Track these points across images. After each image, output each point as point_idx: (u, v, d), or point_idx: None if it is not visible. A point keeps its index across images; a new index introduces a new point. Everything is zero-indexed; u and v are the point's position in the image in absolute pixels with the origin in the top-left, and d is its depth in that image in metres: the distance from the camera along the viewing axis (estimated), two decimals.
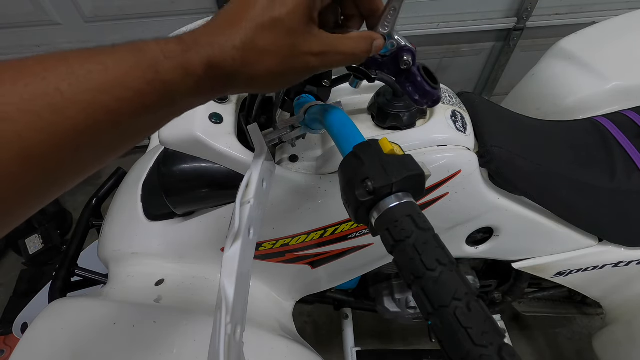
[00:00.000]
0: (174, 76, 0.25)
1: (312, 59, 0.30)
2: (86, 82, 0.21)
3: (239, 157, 0.50)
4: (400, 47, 0.36)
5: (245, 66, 0.27)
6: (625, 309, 0.85)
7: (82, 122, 0.21)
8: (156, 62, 0.24)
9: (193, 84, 0.26)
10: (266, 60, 0.28)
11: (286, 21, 0.28)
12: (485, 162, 0.58)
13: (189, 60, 0.25)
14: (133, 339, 0.51)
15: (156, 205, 0.66)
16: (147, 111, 0.24)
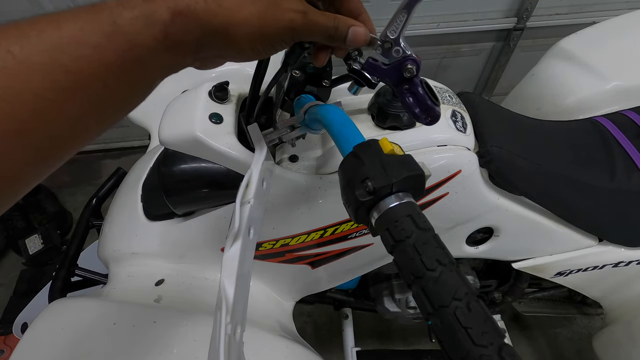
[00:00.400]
0: (135, 26, 0.22)
1: (295, 15, 0.27)
2: (39, 43, 0.20)
3: (239, 157, 0.50)
4: (406, 55, 0.36)
5: (221, 9, 0.25)
6: (625, 309, 0.85)
7: (41, 86, 0.20)
8: (114, 13, 0.22)
9: (160, 35, 0.23)
10: (245, 7, 0.25)
11: None
12: (485, 162, 0.59)
13: (152, 8, 0.23)
14: (133, 339, 0.51)
15: (156, 205, 0.66)
16: (111, 72, 0.22)
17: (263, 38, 0.27)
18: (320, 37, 0.31)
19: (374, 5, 1.41)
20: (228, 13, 0.25)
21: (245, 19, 0.26)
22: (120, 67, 0.22)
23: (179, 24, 0.24)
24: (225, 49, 0.27)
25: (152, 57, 0.24)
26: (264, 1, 0.26)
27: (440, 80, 0.66)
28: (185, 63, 0.27)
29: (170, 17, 0.23)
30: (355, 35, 0.32)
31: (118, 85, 0.23)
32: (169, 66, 0.26)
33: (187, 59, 0.26)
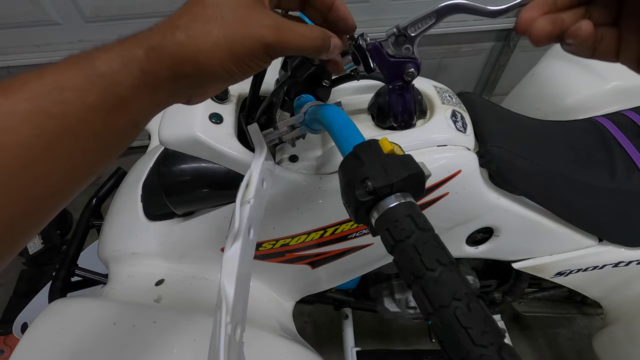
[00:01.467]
0: (112, 66, 0.23)
1: (266, 31, 0.27)
2: (21, 93, 0.21)
3: (239, 157, 0.50)
4: (413, 57, 0.36)
5: (189, 39, 0.25)
6: (625, 309, 0.85)
7: (26, 133, 0.20)
8: (92, 57, 0.23)
9: (137, 72, 0.24)
10: (212, 31, 0.26)
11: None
12: (485, 162, 0.59)
13: (126, 48, 0.24)
14: (133, 339, 0.51)
15: (156, 205, 0.66)
16: (95, 113, 0.23)
17: (234, 58, 0.27)
18: (300, 51, 0.30)
19: (374, 5, 1.41)
20: (195, 41, 0.26)
21: (213, 43, 0.26)
22: (103, 107, 0.23)
23: (153, 59, 0.25)
24: (199, 77, 0.27)
25: (133, 95, 0.24)
26: (231, 22, 0.26)
27: (440, 80, 0.66)
28: (165, 99, 0.27)
29: (145, 53, 0.25)
30: (335, 47, 0.32)
31: (103, 126, 0.24)
32: (152, 103, 0.26)
33: (166, 94, 0.27)
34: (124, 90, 0.24)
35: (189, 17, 0.26)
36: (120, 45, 0.24)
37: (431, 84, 0.63)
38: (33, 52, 1.48)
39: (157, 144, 0.80)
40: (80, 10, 1.39)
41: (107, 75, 0.23)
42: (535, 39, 0.25)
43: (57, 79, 0.22)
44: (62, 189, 0.23)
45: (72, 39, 1.48)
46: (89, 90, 0.22)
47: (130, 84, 0.24)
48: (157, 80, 0.25)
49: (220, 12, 0.26)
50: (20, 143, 0.20)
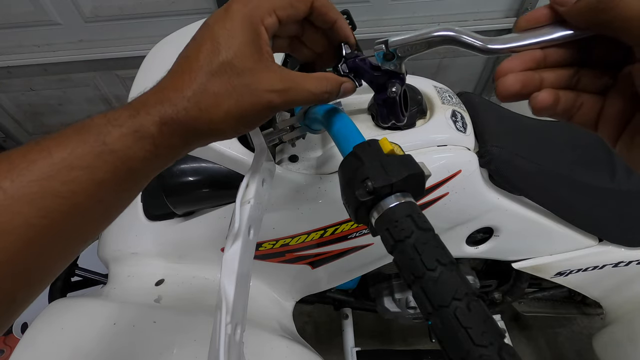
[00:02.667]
0: (125, 143, 0.23)
1: (274, 96, 0.27)
2: (29, 174, 0.20)
3: (239, 157, 0.50)
4: (398, 73, 0.36)
5: (201, 112, 0.26)
6: (625, 309, 0.85)
7: (32, 214, 0.20)
8: (102, 132, 0.23)
9: (150, 147, 0.24)
10: (223, 103, 0.26)
11: (236, 62, 0.26)
12: (485, 162, 0.58)
13: (139, 123, 0.24)
14: (133, 339, 0.51)
15: (156, 205, 0.66)
16: (105, 188, 0.23)
17: (245, 122, 0.28)
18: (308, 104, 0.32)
19: (374, 5, 1.41)
20: (208, 115, 0.26)
21: (225, 113, 0.26)
22: (113, 181, 0.23)
23: (166, 133, 0.25)
24: (212, 139, 0.28)
25: (144, 166, 0.25)
26: (240, 90, 0.27)
27: (440, 80, 0.66)
28: (174, 160, 0.28)
29: (158, 129, 0.24)
30: (345, 92, 0.33)
31: (112, 198, 0.24)
32: (161, 166, 0.27)
33: (178, 156, 0.28)
34: (135, 164, 0.24)
35: (198, 89, 0.26)
36: (132, 119, 0.24)
37: (431, 84, 0.63)
38: (33, 52, 1.48)
39: None
40: (80, 10, 1.39)
41: (119, 152, 0.23)
42: (499, 94, 0.24)
43: (66, 157, 0.21)
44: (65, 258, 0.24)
45: (72, 39, 1.48)
46: (100, 168, 0.22)
47: (142, 157, 0.24)
48: (169, 151, 0.26)
49: (229, 81, 0.26)
50: (26, 223, 0.20)
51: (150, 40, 1.43)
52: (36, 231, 0.20)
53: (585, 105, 0.25)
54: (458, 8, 1.46)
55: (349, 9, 0.51)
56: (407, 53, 0.33)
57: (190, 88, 0.26)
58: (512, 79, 0.23)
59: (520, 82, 0.23)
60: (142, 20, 1.42)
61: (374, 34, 1.45)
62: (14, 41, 1.46)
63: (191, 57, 0.27)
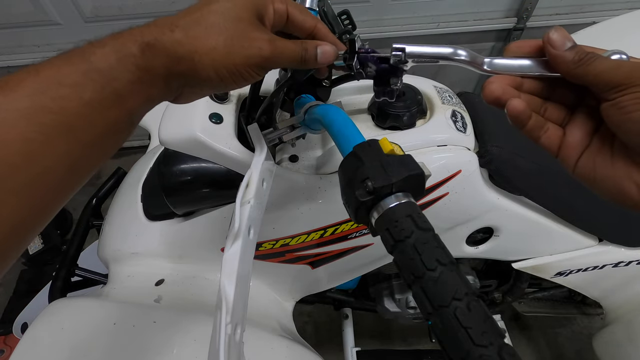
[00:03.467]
0: (108, 61, 0.24)
1: (264, 44, 0.28)
2: (20, 90, 0.21)
3: (239, 157, 0.50)
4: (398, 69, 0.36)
5: (187, 39, 0.26)
6: (625, 309, 0.85)
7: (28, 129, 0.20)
8: (87, 52, 0.24)
9: (132, 67, 0.24)
10: (212, 36, 0.27)
11: (235, 9, 0.27)
12: (485, 162, 0.58)
13: (121, 42, 0.24)
14: (133, 339, 0.51)
15: (156, 205, 0.66)
16: (93, 108, 0.23)
17: (230, 66, 0.28)
18: (291, 63, 0.32)
19: (374, 5, 1.41)
20: (194, 41, 0.26)
21: (211, 47, 0.26)
22: (100, 102, 0.23)
23: (148, 55, 0.25)
24: (192, 77, 0.28)
25: (129, 91, 0.25)
26: (231, 30, 0.27)
27: (440, 80, 0.66)
28: (159, 95, 0.27)
29: (140, 49, 0.25)
30: (324, 54, 0.33)
31: (101, 121, 0.24)
32: (145, 98, 0.26)
33: (160, 90, 0.27)
34: (120, 86, 0.24)
35: (191, 19, 0.27)
36: (114, 40, 0.25)
37: (431, 84, 0.63)
38: (33, 52, 1.48)
39: (157, 144, 0.80)
40: (80, 10, 1.39)
41: (104, 71, 0.23)
42: (484, 95, 0.28)
43: (54, 75, 0.22)
44: (65, 185, 0.24)
45: (72, 39, 1.47)
46: (86, 86, 0.23)
47: (126, 79, 0.24)
48: (152, 76, 0.26)
49: (224, 21, 0.27)
50: (22, 138, 0.20)
51: None
52: (33, 147, 0.21)
53: (550, 130, 0.29)
54: (458, 8, 1.46)
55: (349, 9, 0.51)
56: (418, 61, 0.34)
57: (184, 19, 0.27)
58: (496, 85, 0.28)
59: (501, 89, 0.27)
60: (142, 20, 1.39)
61: (374, 34, 1.45)
62: (14, 41, 1.45)
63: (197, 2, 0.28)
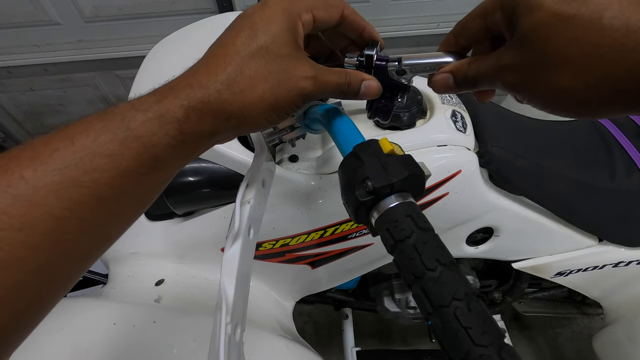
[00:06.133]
0: (149, 128, 0.22)
1: (306, 82, 0.28)
2: (52, 162, 0.19)
3: (239, 157, 0.50)
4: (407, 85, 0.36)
5: (235, 96, 0.25)
6: (625, 309, 0.85)
7: (56, 205, 0.19)
8: (127, 118, 0.22)
9: (175, 132, 0.23)
10: (258, 86, 0.25)
11: (273, 48, 0.26)
12: (485, 162, 0.59)
13: (165, 107, 0.23)
14: (133, 339, 0.51)
15: (156, 205, 0.66)
16: (128, 177, 0.22)
17: (278, 109, 0.27)
18: (333, 95, 0.31)
19: (374, 5, 1.41)
20: (242, 98, 0.25)
21: (260, 97, 0.26)
22: (137, 170, 0.22)
23: (193, 119, 0.24)
24: (241, 128, 0.27)
25: (169, 154, 0.24)
26: (275, 74, 0.26)
27: None
28: (201, 151, 0.27)
29: (185, 114, 0.23)
30: (368, 89, 0.32)
31: (136, 188, 0.23)
32: (186, 156, 0.26)
33: (204, 147, 0.27)
34: (160, 151, 0.23)
35: (233, 72, 0.25)
36: (157, 104, 0.23)
37: None
38: (33, 52, 1.49)
39: None
40: (80, 10, 1.39)
41: (144, 137, 0.22)
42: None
43: (89, 145, 0.20)
44: (92, 254, 0.23)
45: (72, 39, 1.48)
46: (123, 155, 0.21)
47: (167, 144, 0.23)
48: (196, 137, 0.25)
49: (267, 64, 0.26)
50: (50, 215, 0.19)
51: (150, 40, 1.43)
52: (60, 224, 0.19)
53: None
54: (458, 8, 1.46)
55: None
56: (417, 71, 0.34)
57: (224, 71, 0.25)
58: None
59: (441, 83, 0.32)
60: (142, 20, 1.43)
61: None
62: (14, 41, 1.46)
63: (227, 43, 0.26)
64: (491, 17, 0.27)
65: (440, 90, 0.32)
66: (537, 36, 0.23)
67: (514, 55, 0.25)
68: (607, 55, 0.20)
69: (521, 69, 0.25)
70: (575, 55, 0.22)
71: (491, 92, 0.33)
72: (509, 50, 0.25)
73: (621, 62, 0.20)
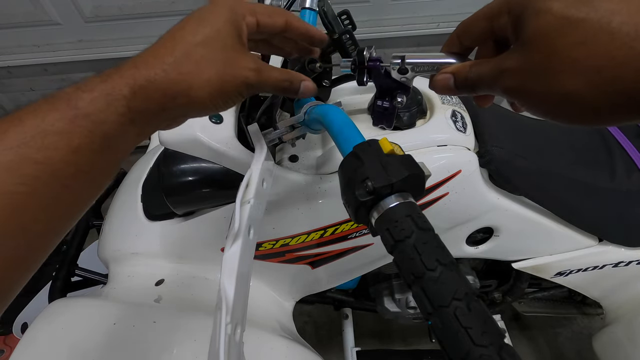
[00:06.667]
0: (96, 106, 0.23)
1: (250, 73, 0.30)
2: (3, 142, 0.20)
3: (239, 157, 0.50)
4: (407, 86, 0.37)
5: (182, 76, 0.26)
6: (625, 309, 0.85)
7: (10, 182, 0.20)
8: (73, 97, 0.23)
9: (123, 109, 0.24)
10: (204, 70, 0.27)
11: (219, 37, 0.28)
12: (485, 162, 0.59)
13: (111, 86, 0.24)
14: (133, 339, 0.51)
15: (156, 205, 0.66)
16: (81, 154, 0.22)
17: (223, 94, 0.29)
18: (274, 90, 0.34)
19: (374, 5, 1.41)
20: (188, 78, 0.26)
21: (206, 80, 0.27)
22: (89, 147, 0.23)
23: (140, 96, 0.25)
24: (188, 108, 0.28)
25: (119, 132, 0.24)
26: (221, 60, 0.28)
27: None
28: (151, 130, 0.28)
29: (131, 91, 0.24)
30: (305, 89, 0.35)
31: (90, 166, 0.23)
32: (136, 134, 0.26)
33: (153, 127, 0.28)
34: (110, 129, 0.24)
35: (180, 55, 0.27)
36: (103, 83, 0.24)
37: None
38: (33, 52, 1.49)
39: (157, 144, 0.80)
40: (80, 10, 1.39)
41: (92, 115, 0.23)
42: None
43: (39, 124, 0.21)
44: (51, 232, 0.23)
45: (72, 39, 1.48)
46: (74, 132, 0.22)
47: (116, 121, 0.24)
48: (145, 115, 0.26)
49: (212, 52, 0.28)
50: (6, 192, 0.20)
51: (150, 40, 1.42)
52: (17, 201, 0.20)
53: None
54: (458, 8, 1.46)
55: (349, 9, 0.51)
56: (419, 70, 0.35)
57: (172, 55, 0.26)
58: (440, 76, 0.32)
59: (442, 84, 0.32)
60: (142, 20, 1.43)
61: (374, 34, 1.45)
62: (14, 41, 1.46)
63: (174, 31, 0.28)
64: (497, 19, 0.27)
65: (441, 91, 0.32)
66: (544, 39, 0.23)
67: (518, 59, 0.25)
68: (617, 58, 0.21)
69: (524, 72, 0.25)
70: (583, 57, 0.21)
71: (490, 98, 0.33)
72: (513, 54, 0.25)
73: (631, 64, 0.20)
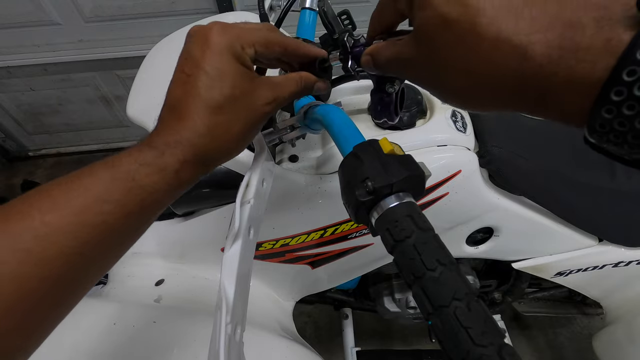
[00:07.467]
0: (151, 179, 0.26)
1: (268, 107, 0.31)
2: (68, 207, 0.23)
3: (239, 157, 0.50)
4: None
5: (215, 141, 0.29)
6: (625, 309, 0.85)
7: (68, 244, 0.23)
8: (132, 171, 0.26)
9: (173, 180, 0.27)
10: (233, 128, 0.29)
11: (234, 93, 0.29)
12: (485, 162, 0.59)
13: (164, 163, 0.27)
14: (133, 339, 0.51)
15: None
16: (132, 218, 0.26)
17: (248, 138, 0.32)
18: (292, 100, 0.34)
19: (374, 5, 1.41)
20: (220, 141, 0.29)
21: (234, 136, 0.30)
22: (139, 212, 0.26)
23: (187, 168, 0.28)
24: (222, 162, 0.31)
25: (167, 196, 0.28)
26: (243, 113, 0.30)
27: None
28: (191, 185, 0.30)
29: (181, 165, 0.27)
30: (318, 90, 0.37)
31: (137, 225, 0.27)
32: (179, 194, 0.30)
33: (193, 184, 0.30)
34: (160, 196, 0.27)
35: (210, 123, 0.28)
36: (157, 159, 0.27)
37: None
38: (33, 52, 1.49)
39: None
40: (80, 10, 1.39)
41: (147, 187, 0.26)
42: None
43: (99, 194, 0.24)
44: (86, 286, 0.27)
45: (72, 39, 1.48)
46: (129, 201, 0.25)
47: (166, 189, 0.27)
48: (190, 178, 0.29)
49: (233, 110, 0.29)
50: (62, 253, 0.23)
51: (150, 40, 1.43)
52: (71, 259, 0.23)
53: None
54: None
55: (349, 9, 0.51)
56: None
57: (203, 125, 0.28)
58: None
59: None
60: (142, 20, 1.43)
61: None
62: (14, 41, 1.46)
63: (191, 93, 0.28)
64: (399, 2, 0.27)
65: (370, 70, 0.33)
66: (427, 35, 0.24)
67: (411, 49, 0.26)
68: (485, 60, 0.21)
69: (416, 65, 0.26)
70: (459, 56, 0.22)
71: None
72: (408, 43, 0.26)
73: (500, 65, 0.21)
